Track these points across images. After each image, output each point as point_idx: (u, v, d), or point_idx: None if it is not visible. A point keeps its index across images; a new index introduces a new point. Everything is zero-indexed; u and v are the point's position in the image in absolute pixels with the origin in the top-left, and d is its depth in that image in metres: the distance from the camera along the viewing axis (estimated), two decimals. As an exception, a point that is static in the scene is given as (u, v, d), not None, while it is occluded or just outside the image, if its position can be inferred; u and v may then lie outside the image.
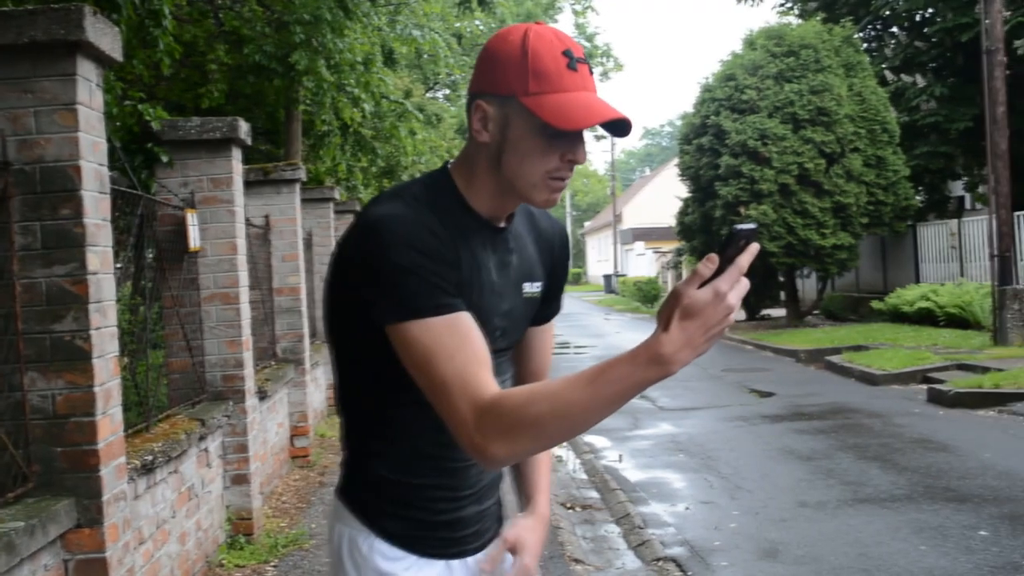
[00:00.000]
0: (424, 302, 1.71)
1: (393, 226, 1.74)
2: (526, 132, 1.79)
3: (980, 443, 9.11)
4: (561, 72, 1.77)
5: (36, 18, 3.64)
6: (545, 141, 1.78)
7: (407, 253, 1.71)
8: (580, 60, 1.79)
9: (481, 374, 1.68)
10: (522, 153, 1.80)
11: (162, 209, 6.18)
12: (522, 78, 1.77)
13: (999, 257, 15.56)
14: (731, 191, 21.57)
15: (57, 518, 3.60)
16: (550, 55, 1.77)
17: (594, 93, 1.79)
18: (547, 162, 1.79)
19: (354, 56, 11.31)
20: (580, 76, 1.78)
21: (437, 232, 1.77)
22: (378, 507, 1.95)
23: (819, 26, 22.82)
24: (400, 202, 1.80)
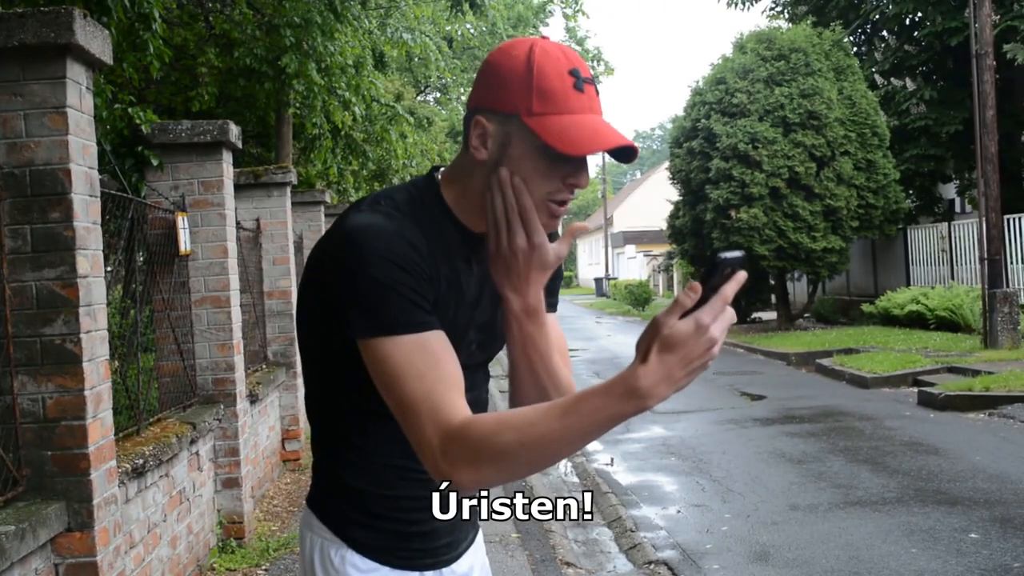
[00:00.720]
0: (398, 319, 1.66)
1: (373, 238, 1.68)
2: (527, 153, 1.73)
3: (970, 446, 9.13)
4: (567, 93, 1.71)
5: (25, 21, 3.63)
6: (547, 163, 1.72)
7: (385, 267, 1.66)
8: (587, 80, 1.73)
9: (450, 397, 1.63)
10: (522, 174, 1.74)
11: (152, 212, 6.17)
12: (526, 96, 1.71)
13: (989, 260, 15.61)
14: (722, 194, 21.59)
15: (47, 522, 3.59)
16: (556, 74, 1.71)
17: (600, 116, 1.74)
18: (548, 185, 1.74)
19: (345, 59, 11.31)
20: (587, 97, 1.72)
21: (417, 246, 1.71)
22: (348, 517, 1.88)
23: (809, 30, 22.87)
24: (380, 213, 1.73)
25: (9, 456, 3.64)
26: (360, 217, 1.72)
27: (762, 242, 21.15)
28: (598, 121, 1.71)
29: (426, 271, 1.71)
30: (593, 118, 1.71)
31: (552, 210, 1.76)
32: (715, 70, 23.53)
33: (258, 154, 13.24)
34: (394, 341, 1.65)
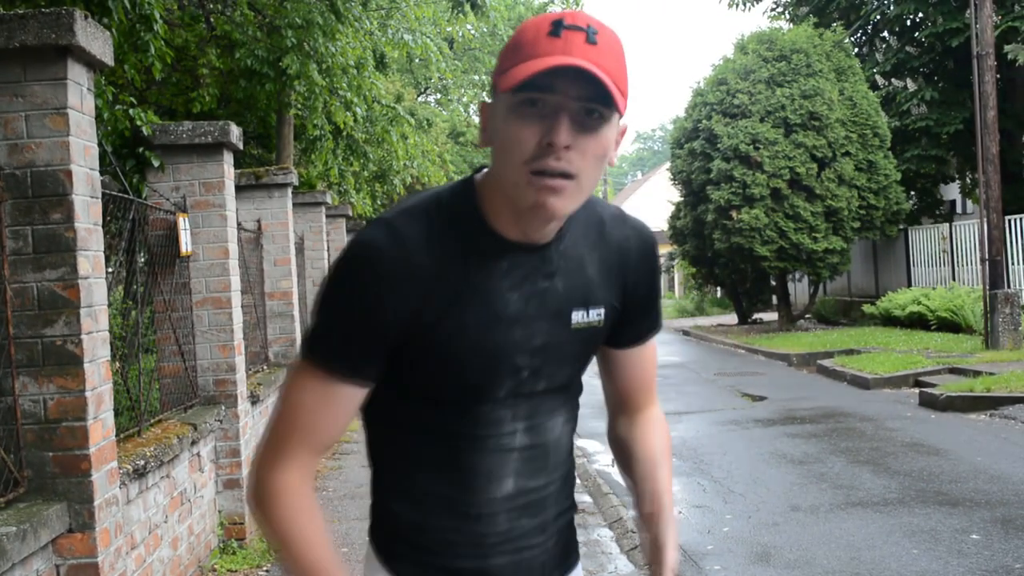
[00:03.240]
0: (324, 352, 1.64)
1: (356, 262, 1.61)
2: (501, 119, 1.58)
3: (972, 447, 9.13)
4: (537, 41, 1.53)
5: (27, 22, 3.63)
6: (517, 124, 1.54)
7: (343, 300, 1.62)
8: (571, 27, 1.53)
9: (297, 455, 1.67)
10: (500, 146, 1.59)
11: (154, 213, 6.17)
12: (503, 59, 1.58)
13: (990, 261, 15.60)
14: (723, 195, 21.59)
15: (49, 523, 3.59)
16: (533, 27, 1.56)
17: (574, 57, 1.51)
18: (523, 150, 1.54)
19: (346, 60, 11.31)
20: (562, 42, 1.51)
21: (416, 273, 1.61)
22: (394, 549, 1.80)
23: (810, 31, 22.86)
24: (390, 228, 1.62)
25: (10, 457, 3.64)
26: (365, 233, 1.64)
27: (763, 243, 21.15)
28: (559, 58, 1.50)
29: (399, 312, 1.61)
30: (556, 57, 1.50)
31: (536, 183, 1.55)
32: (716, 71, 23.52)
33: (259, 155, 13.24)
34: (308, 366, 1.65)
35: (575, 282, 1.74)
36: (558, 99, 1.53)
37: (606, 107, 1.54)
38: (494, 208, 1.67)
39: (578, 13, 1.56)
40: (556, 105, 1.53)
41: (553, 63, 1.48)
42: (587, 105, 1.53)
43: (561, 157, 1.53)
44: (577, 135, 1.54)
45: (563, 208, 1.57)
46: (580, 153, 1.55)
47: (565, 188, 1.56)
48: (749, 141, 21.43)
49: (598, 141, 1.57)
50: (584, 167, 1.56)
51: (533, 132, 1.54)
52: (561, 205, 1.57)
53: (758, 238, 21.15)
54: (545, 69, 1.48)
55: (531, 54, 1.52)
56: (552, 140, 1.52)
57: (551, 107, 1.53)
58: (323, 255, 12.04)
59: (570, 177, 1.55)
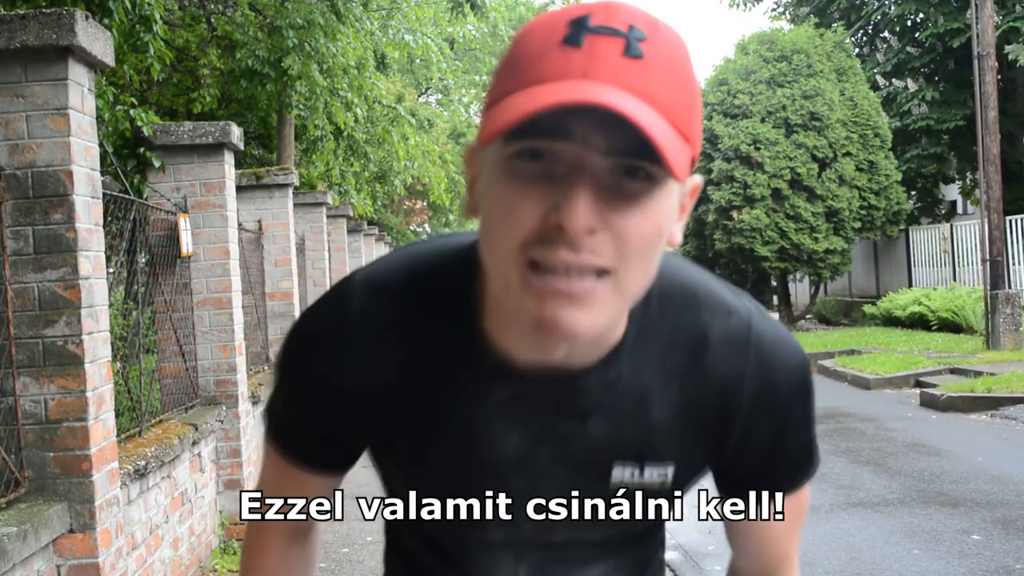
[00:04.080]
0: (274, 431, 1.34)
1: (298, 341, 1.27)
2: (487, 178, 1.04)
3: (973, 447, 9.12)
4: (544, 53, 0.98)
5: (27, 23, 3.63)
6: (509, 189, 0.99)
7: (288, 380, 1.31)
8: (602, 30, 0.97)
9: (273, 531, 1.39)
10: (487, 219, 1.04)
11: (154, 214, 6.17)
12: (493, 83, 1.05)
13: (991, 261, 15.59)
14: (724, 195, 21.59)
15: (50, 523, 3.59)
16: (544, 28, 1.00)
17: (604, 85, 0.94)
18: (517, 226, 0.98)
19: (347, 60, 11.31)
20: (583, 55, 0.96)
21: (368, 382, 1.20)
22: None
23: (811, 31, 22.87)
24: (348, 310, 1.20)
25: (11, 457, 3.65)
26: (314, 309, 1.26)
27: (764, 243, 21.16)
28: (574, 86, 0.94)
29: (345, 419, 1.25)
30: (570, 84, 0.95)
31: (534, 284, 0.99)
32: (717, 71, 23.54)
33: (260, 155, 13.25)
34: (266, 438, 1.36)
35: (625, 427, 1.19)
36: (575, 151, 0.97)
37: (655, 163, 0.96)
38: (496, 311, 1.13)
39: (614, 4, 1.00)
40: (572, 161, 0.97)
41: (560, 100, 0.92)
42: (625, 162, 0.97)
43: (581, 247, 0.97)
44: (608, 210, 0.97)
45: (586, 326, 1.00)
46: (615, 238, 0.98)
47: (590, 294, 0.99)
48: (750, 141, 21.43)
49: (645, 217, 0.99)
50: (624, 257, 0.99)
51: (534, 202, 0.98)
52: (582, 322, 0.99)
53: (759, 238, 21.15)
54: (546, 109, 0.92)
55: (533, 76, 0.97)
56: (564, 221, 0.95)
57: (565, 164, 0.98)
58: (324, 255, 12.04)
59: (600, 274, 0.99)
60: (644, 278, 1.04)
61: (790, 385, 1.22)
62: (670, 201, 1.03)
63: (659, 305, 1.17)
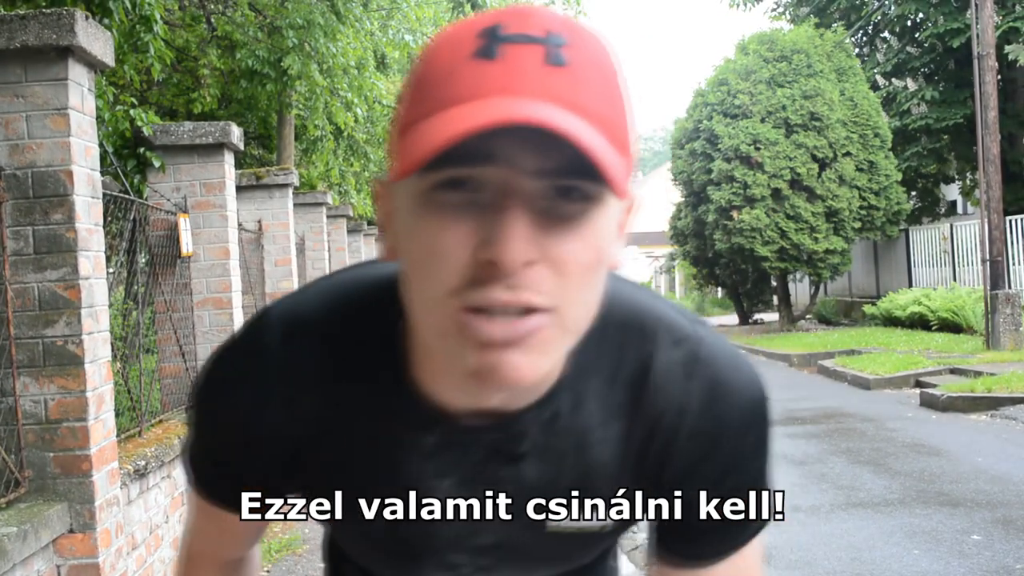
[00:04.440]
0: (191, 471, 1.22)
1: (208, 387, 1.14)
2: (405, 215, 0.92)
3: (973, 447, 9.12)
4: (455, 69, 0.86)
5: (27, 23, 3.63)
6: (431, 226, 0.88)
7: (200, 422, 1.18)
8: (518, 39, 0.86)
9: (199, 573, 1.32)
10: (408, 260, 0.92)
11: (154, 214, 6.17)
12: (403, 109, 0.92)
13: (991, 261, 15.59)
14: (724, 196, 21.59)
15: (50, 523, 3.59)
16: (450, 47, 0.89)
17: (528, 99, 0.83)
18: (444, 269, 0.87)
19: (347, 60, 11.31)
20: (500, 68, 0.85)
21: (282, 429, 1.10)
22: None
23: (811, 31, 22.87)
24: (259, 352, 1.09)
25: (11, 457, 3.65)
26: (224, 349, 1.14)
27: (764, 243, 21.16)
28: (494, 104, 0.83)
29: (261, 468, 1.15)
30: (489, 103, 0.83)
31: (472, 331, 0.87)
32: (717, 71, 23.53)
33: (260, 156, 13.25)
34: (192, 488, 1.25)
35: (563, 470, 1.09)
36: (502, 176, 0.86)
37: (593, 181, 0.86)
38: (426, 359, 1.03)
39: (529, 10, 0.89)
40: (500, 187, 0.86)
41: (481, 122, 0.81)
42: (558, 183, 0.87)
43: (517, 282, 0.86)
44: (544, 237, 0.87)
45: (530, 372, 0.89)
46: (555, 269, 0.88)
47: (533, 335, 0.88)
48: (750, 141, 21.43)
49: (585, 242, 0.89)
50: (565, 291, 0.89)
51: (460, 239, 0.87)
52: (526, 368, 0.89)
53: (759, 238, 21.15)
54: (467, 134, 0.81)
55: (446, 98, 0.86)
56: (497, 255, 0.85)
57: (491, 191, 0.86)
58: (324, 255, 12.04)
59: (541, 312, 0.88)
60: (588, 311, 0.94)
61: (740, 422, 1.10)
62: (609, 221, 0.92)
63: (600, 336, 1.04)
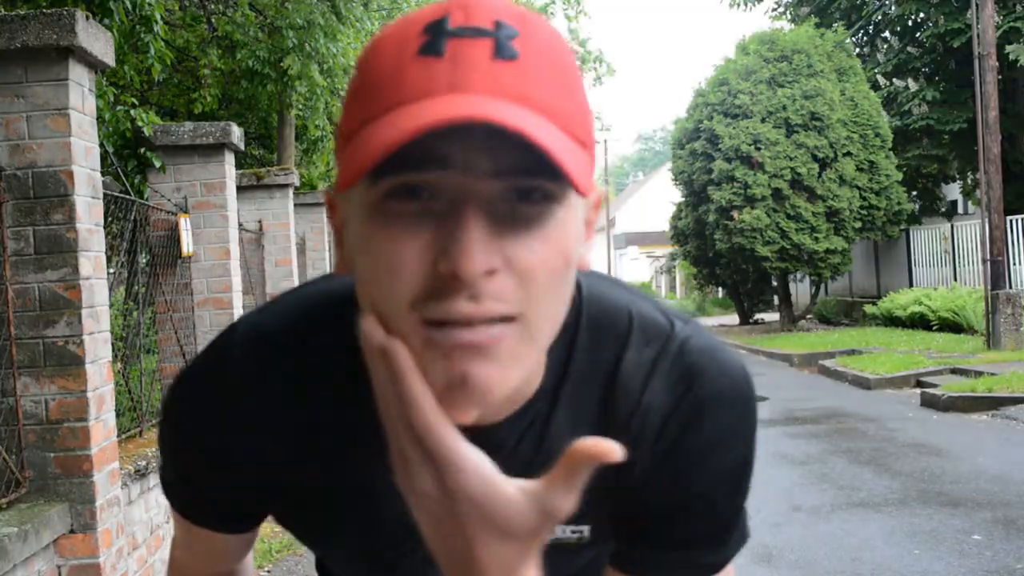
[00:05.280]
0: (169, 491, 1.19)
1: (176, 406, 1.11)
2: (357, 226, 0.87)
3: (974, 447, 9.12)
4: (401, 67, 0.82)
5: (28, 23, 3.64)
6: (386, 238, 0.83)
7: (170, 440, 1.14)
8: (464, 32, 0.81)
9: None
10: (363, 273, 0.87)
11: (155, 214, 6.17)
12: (347, 114, 0.87)
13: (991, 261, 15.59)
14: (724, 196, 21.59)
15: (50, 523, 3.59)
16: (394, 44, 0.84)
17: (478, 96, 0.79)
18: (401, 284, 0.82)
19: (347, 60, 11.31)
20: (447, 64, 0.80)
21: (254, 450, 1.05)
22: None
23: (812, 31, 22.87)
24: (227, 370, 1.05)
25: (12, 458, 3.65)
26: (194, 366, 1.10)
27: (764, 243, 21.16)
28: (443, 102, 0.78)
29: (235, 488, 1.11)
30: (438, 101, 0.79)
31: (436, 342, 0.82)
32: (718, 71, 23.54)
33: (260, 156, 13.26)
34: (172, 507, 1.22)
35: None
36: (457, 180, 0.81)
37: (552, 179, 0.81)
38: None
39: (471, 1, 0.84)
40: (455, 193, 0.82)
41: (429, 122, 0.76)
42: (516, 183, 0.82)
43: (480, 292, 0.81)
44: (505, 243, 0.82)
45: (500, 383, 0.84)
46: (519, 275, 0.83)
47: (499, 344, 0.83)
48: (750, 141, 21.43)
49: (548, 244, 0.84)
50: (530, 297, 0.84)
51: (417, 251, 0.82)
52: (496, 379, 0.83)
53: (759, 238, 21.15)
54: (415, 135, 0.76)
55: (392, 98, 0.81)
56: (457, 267, 0.79)
57: (447, 197, 0.82)
58: (324, 255, 12.04)
59: (506, 321, 0.83)
60: (556, 318, 0.88)
61: (713, 418, 1.05)
62: (575, 220, 0.87)
63: (573, 339, 1.00)
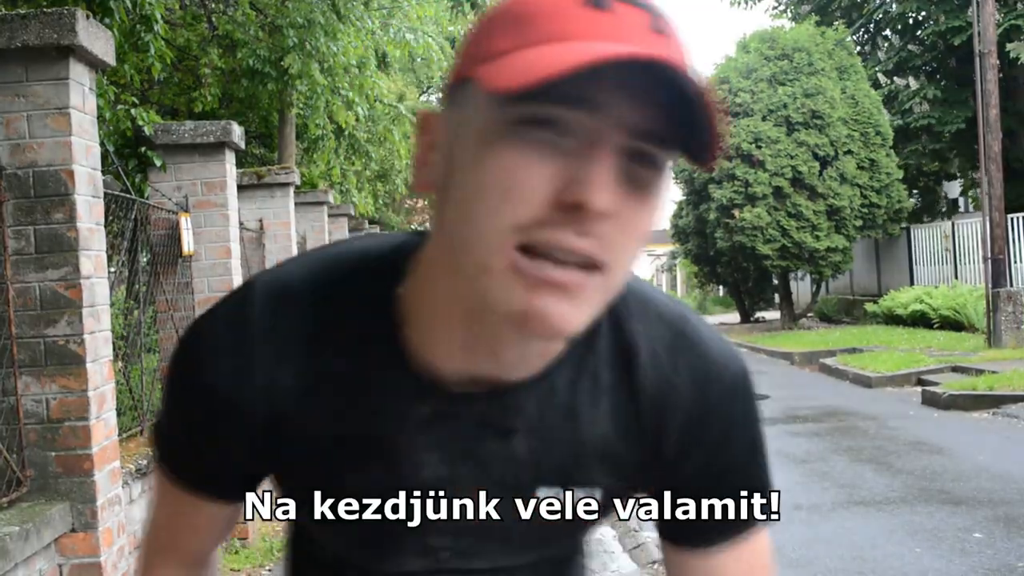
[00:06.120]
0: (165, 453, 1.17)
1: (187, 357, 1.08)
2: (475, 145, 0.87)
3: (974, 445, 9.12)
4: (563, 10, 0.84)
5: (28, 22, 3.63)
6: (513, 158, 0.84)
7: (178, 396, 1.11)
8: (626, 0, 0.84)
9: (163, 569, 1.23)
10: (466, 195, 0.88)
11: (156, 213, 6.17)
12: (487, 38, 0.88)
13: (992, 259, 15.58)
14: (725, 194, 21.59)
15: (51, 523, 3.59)
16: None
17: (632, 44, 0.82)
18: (518, 203, 0.84)
19: (347, 59, 11.31)
20: (610, 18, 0.83)
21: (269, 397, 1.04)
22: None
23: (812, 29, 22.87)
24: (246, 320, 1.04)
25: (13, 457, 3.65)
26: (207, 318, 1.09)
27: (765, 241, 21.16)
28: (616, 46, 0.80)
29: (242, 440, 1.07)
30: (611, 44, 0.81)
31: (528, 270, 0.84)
32: (718, 70, 23.54)
33: (261, 155, 13.25)
34: (157, 464, 1.18)
35: (554, 447, 1.06)
36: (598, 125, 0.83)
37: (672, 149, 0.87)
38: (425, 317, 0.99)
39: None
40: (593, 135, 0.84)
41: (608, 55, 0.78)
42: (642, 147, 0.85)
43: (590, 230, 0.84)
44: (623, 195, 0.85)
45: (573, 324, 0.87)
46: (622, 228, 0.86)
47: (582, 288, 0.86)
48: (751, 140, 21.43)
49: (650, 209, 0.89)
50: (622, 252, 0.88)
51: (545, 175, 0.83)
52: (571, 319, 0.86)
53: (760, 237, 21.16)
54: (591, 64, 0.77)
55: (554, 33, 0.83)
56: (585, 197, 0.82)
57: (583, 137, 0.84)
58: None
59: (594, 268, 0.86)
60: (626, 277, 0.93)
61: (727, 397, 1.11)
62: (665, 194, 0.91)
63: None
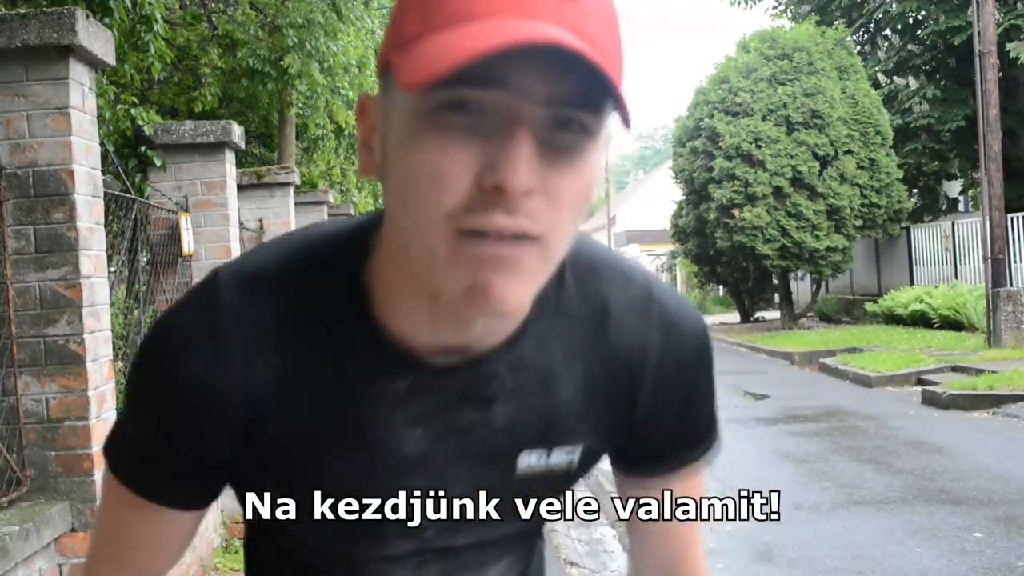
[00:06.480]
0: (121, 460, 1.13)
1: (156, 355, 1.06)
2: (401, 133, 0.90)
3: (974, 445, 9.12)
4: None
5: (28, 22, 3.64)
6: (435, 147, 0.86)
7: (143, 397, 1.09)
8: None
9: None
10: (400, 185, 0.91)
11: (156, 213, 6.17)
12: (400, 20, 0.90)
13: (992, 259, 15.58)
14: (725, 194, 21.59)
15: (52, 522, 3.59)
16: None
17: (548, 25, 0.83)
18: (445, 195, 0.86)
19: (347, 59, 11.31)
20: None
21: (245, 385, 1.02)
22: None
23: (812, 29, 22.88)
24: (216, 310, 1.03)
25: (13, 456, 3.65)
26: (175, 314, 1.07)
27: (765, 241, 21.17)
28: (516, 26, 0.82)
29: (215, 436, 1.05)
30: (510, 23, 0.82)
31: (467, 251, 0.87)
32: (719, 69, 23.54)
33: (261, 154, 13.25)
34: (109, 470, 1.14)
35: (531, 411, 1.08)
36: (512, 103, 0.85)
37: (596, 113, 0.87)
38: (391, 294, 1.00)
39: None
40: (506, 113, 0.85)
41: (508, 41, 0.79)
42: (563, 113, 0.86)
43: (516, 208, 0.86)
44: (545, 168, 0.87)
45: (516, 296, 0.89)
46: (550, 199, 0.88)
47: (521, 260, 0.88)
48: (751, 139, 21.44)
49: (579, 175, 0.89)
50: (555, 222, 0.89)
51: (465, 162, 0.85)
52: (513, 292, 0.88)
53: (760, 236, 21.16)
54: (492, 52, 0.79)
55: (458, 13, 0.84)
56: (503, 181, 0.84)
57: (499, 117, 0.85)
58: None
59: (530, 239, 0.88)
60: (567, 244, 0.94)
61: (694, 353, 1.15)
62: (597, 157, 0.91)
63: (558, 276, 1.05)
